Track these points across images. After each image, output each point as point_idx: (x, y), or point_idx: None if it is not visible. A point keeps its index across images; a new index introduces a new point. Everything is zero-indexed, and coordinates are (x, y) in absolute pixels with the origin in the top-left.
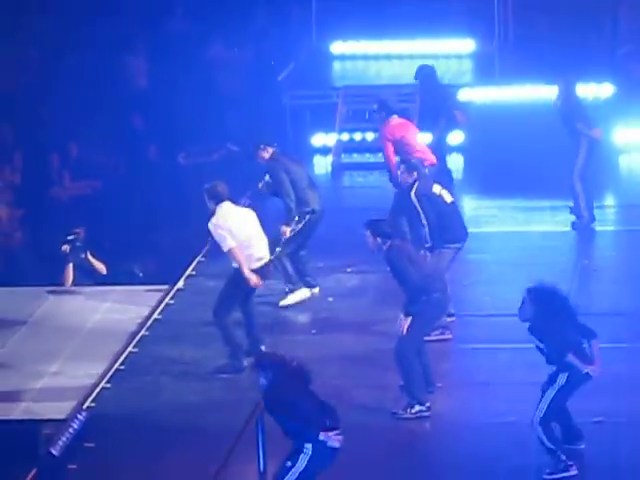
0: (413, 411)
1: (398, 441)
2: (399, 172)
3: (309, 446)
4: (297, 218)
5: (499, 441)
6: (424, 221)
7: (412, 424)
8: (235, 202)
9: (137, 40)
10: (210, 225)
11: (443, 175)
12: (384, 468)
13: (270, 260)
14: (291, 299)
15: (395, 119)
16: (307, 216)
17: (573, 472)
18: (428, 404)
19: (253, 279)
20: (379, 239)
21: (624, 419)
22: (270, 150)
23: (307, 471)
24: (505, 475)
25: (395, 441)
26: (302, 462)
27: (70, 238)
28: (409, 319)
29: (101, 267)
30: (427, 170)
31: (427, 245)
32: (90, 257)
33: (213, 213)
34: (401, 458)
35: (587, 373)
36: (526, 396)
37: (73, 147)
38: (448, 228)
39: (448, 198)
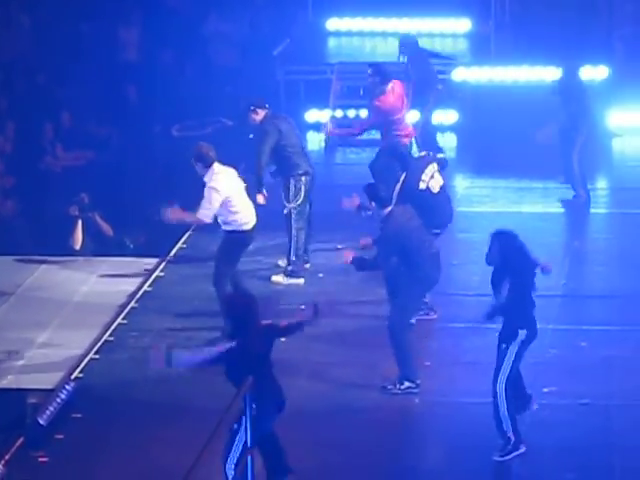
0: (402, 387)
1: (385, 419)
2: None
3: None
4: (294, 182)
5: (486, 420)
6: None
7: (399, 402)
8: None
9: (133, 12)
10: (208, 184)
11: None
12: (371, 446)
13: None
14: (284, 280)
15: (394, 90)
16: (302, 177)
17: (522, 449)
18: (418, 381)
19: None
20: (373, 204)
21: (614, 402)
22: (261, 112)
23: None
24: (492, 454)
25: (382, 419)
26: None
27: (78, 199)
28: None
29: (108, 228)
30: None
31: None
32: (98, 218)
33: (202, 175)
34: (388, 436)
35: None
36: None
37: (66, 117)
38: (431, 216)
39: (436, 186)
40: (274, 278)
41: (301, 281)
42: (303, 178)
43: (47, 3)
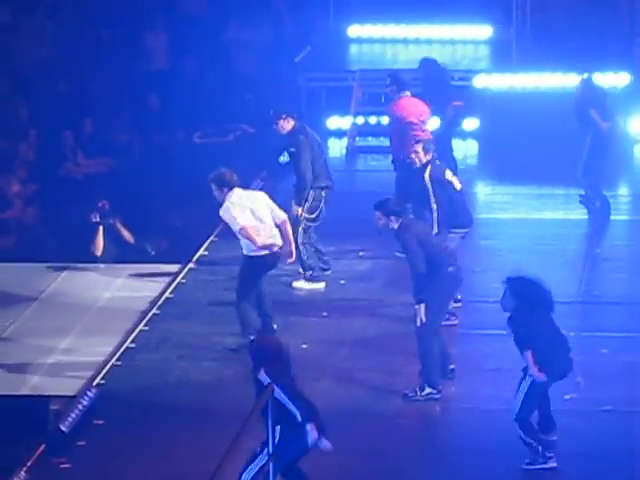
0: (423, 393)
1: (406, 425)
2: (413, 152)
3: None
4: (313, 195)
5: (508, 427)
6: (434, 205)
7: (421, 409)
8: (246, 187)
9: (156, 19)
10: (221, 211)
11: (449, 162)
12: (392, 452)
13: (295, 245)
14: (306, 285)
15: (407, 96)
16: (323, 191)
17: (552, 464)
18: (440, 387)
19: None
20: (392, 218)
21: (636, 408)
22: (291, 121)
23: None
24: (512, 461)
25: (403, 425)
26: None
27: (99, 206)
28: (422, 306)
29: (129, 235)
30: None
31: (434, 231)
32: (119, 225)
33: (222, 201)
34: (409, 442)
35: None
36: None
37: (88, 124)
38: (455, 214)
39: (458, 185)
40: (295, 284)
41: (322, 285)
42: (324, 192)
43: (70, 10)
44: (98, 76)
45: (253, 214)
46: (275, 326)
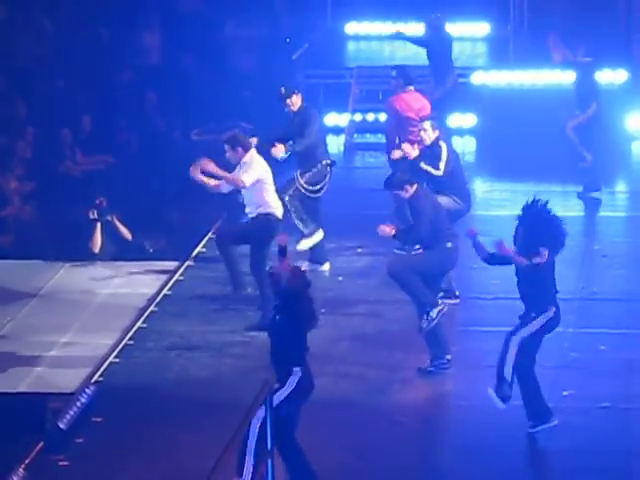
0: (433, 315)
1: (404, 422)
2: (422, 129)
3: (298, 369)
4: (319, 168)
5: (506, 424)
6: (440, 167)
7: (419, 405)
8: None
9: (152, 16)
10: (242, 163)
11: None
12: (389, 448)
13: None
14: (307, 243)
15: (410, 91)
16: (329, 168)
17: (554, 422)
18: (441, 304)
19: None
20: (406, 187)
21: (634, 405)
22: (301, 97)
23: (295, 393)
24: (512, 458)
25: (401, 422)
26: (291, 383)
27: (97, 203)
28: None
29: (127, 232)
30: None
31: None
32: (117, 222)
33: (235, 162)
34: (406, 439)
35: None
36: None
37: (86, 122)
38: (462, 191)
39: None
40: (299, 246)
41: (320, 235)
42: (329, 169)
43: (67, 7)
44: (95, 73)
45: (269, 185)
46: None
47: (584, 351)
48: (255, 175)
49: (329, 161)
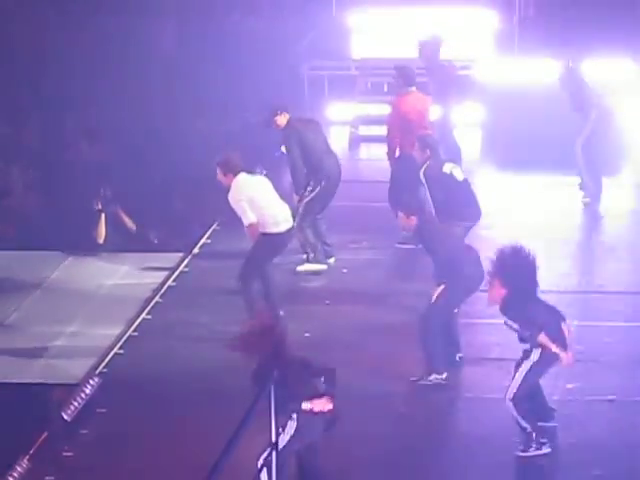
0: (430, 378)
1: (409, 413)
2: (415, 150)
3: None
4: (311, 185)
5: (511, 417)
6: (430, 202)
7: (424, 397)
8: (251, 172)
9: (159, 7)
10: (230, 198)
11: (452, 151)
12: (395, 440)
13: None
14: (309, 267)
15: (412, 92)
16: (322, 182)
17: (546, 450)
18: (445, 374)
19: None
20: (412, 217)
21: (638, 398)
22: (285, 116)
23: (297, 436)
24: (515, 450)
25: (406, 413)
26: (292, 427)
27: (101, 194)
28: (441, 288)
29: (131, 223)
30: None
31: None
32: (121, 212)
33: (228, 186)
34: (413, 430)
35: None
36: None
37: (91, 111)
38: (458, 206)
39: (460, 176)
40: (299, 268)
41: (324, 266)
42: (323, 182)
43: None
44: (101, 63)
45: (259, 202)
46: (281, 312)
47: (589, 344)
48: (246, 207)
49: (321, 175)
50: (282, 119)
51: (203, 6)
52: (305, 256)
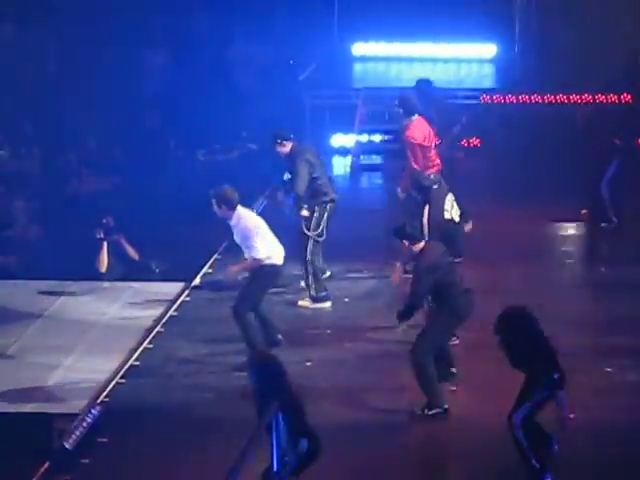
0: (430, 413)
1: (410, 444)
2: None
3: (304, 440)
4: (318, 212)
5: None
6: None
7: (425, 426)
8: (250, 205)
9: (157, 37)
10: (245, 230)
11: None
12: (396, 469)
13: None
14: (311, 304)
15: (416, 120)
16: (328, 205)
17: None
18: (446, 406)
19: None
20: (411, 245)
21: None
22: (288, 144)
23: (305, 461)
24: (517, 474)
25: (407, 444)
26: (300, 452)
27: (103, 222)
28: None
29: (133, 252)
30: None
31: None
32: (123, 241)
33: (222, 217)
34: (413, 459)
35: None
36: None
37: (92, 142)
38: (453, 245)
39: (457, 216)
40: (301, 302)
41: (328, 304)
42: (328, 206)
43: (72, 28)
44: (101, 93)
45: (263, 234)
46: (280, 336)
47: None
48: (259, 240)
49: (325, 199)
50: (283, 147)
51: (204, 35)
52: (306, 287)
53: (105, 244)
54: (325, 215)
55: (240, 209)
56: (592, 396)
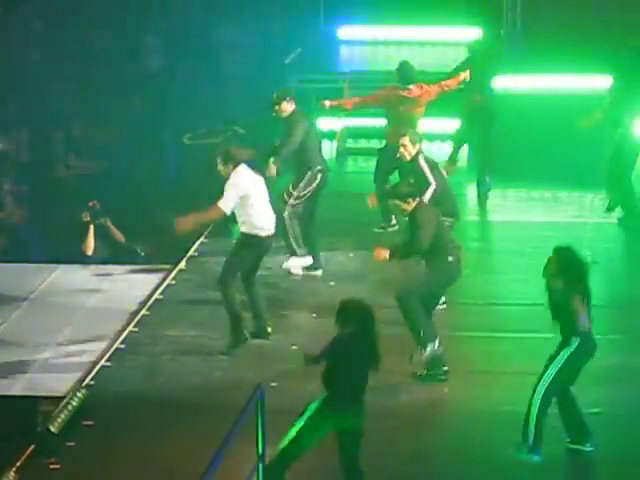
0: (426, 354)
1: (395, 426)
2: (401, 145)
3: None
4: (308, 178)
5: (496, 429)
6: (432, 182)
7: (413, 409)
8: (252, 167)
9: (145, 19)
10: (227, 185)
11: None
12: (383, 453)
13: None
14: (295, 263)
15: (414, 88)
16: (318, 176)
17: (534, 459)
18: (438, 340)
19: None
20: (409, 200)
21: (621, 411)
22: (293, 105)
23: None
24: (502, 463)
25: (392, 426)
26: None
27: (90, 205)
28: (387, 256)
29: (120, 235)
30: None
31: None
32: (109, 224)
33: (226, 177)
34: (399, 443)
35: (594, 344)
36: (524, 385)
37: (78, 125)
38: (443, 202)
39: (445, 173)
40: (287, 264)
41: (319, 272)
42: (319, 176)
43: (59, 9)
44: (88, 77)
45: (250, 202)
46: (269, 329)
47: None
48: (235, 197)
49: (320, 167)
50: (289, 106)
51: (189, 19)
52: (289, 252)
53: (92, 227)
54: (314, 184)
55: (241, 167)
56: None
